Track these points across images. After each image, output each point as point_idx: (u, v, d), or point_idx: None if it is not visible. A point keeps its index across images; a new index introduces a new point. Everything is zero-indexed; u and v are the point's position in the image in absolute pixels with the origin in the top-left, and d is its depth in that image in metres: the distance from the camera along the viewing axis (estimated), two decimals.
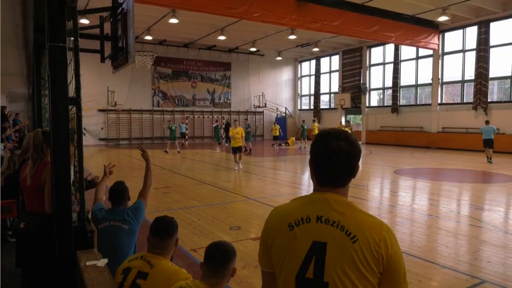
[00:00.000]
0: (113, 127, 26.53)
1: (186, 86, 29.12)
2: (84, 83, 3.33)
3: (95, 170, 12.95)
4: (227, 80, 30.86)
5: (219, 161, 16.72)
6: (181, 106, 28.97)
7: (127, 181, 8.96)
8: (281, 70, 33.32)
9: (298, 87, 34.03)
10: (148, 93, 27.62)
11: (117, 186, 3.37)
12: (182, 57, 28.58)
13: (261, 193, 8.97)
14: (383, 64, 26.27)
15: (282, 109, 32.64)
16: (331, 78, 30.83)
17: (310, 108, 32.90)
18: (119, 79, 25.17)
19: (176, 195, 8.80)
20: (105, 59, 4.08)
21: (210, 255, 2.14)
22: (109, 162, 4.22)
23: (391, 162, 15.55)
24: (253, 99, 31.70)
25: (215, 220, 6.56)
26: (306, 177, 12.28)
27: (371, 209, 7.54)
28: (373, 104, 27.39)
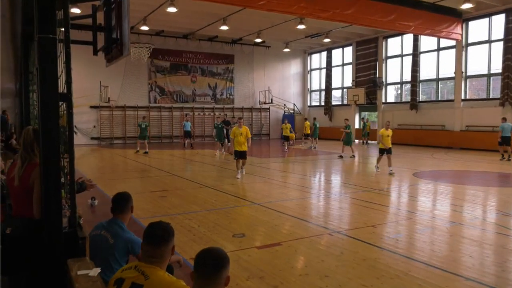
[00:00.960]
0: (106, 125, 26.67)
1: (186, 81, 29.20)
2: (75, 77, 3.38)
3: (87, 172, 13.05)
4: (230, 74, 30.90)
5: (222, 162, 16.73)
6: (180, 102, 29.07)
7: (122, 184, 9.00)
8: (289, 63, 33.28)
9: (307, 81, 33.97)
10: (144, 89, 27.74)
11: (119, 195, 3.41)
12: (181, 49, 28.65)
13: (267, 197, 8.97)
14: (401, 56, 26.15)
15: (290, 106, 32.61)
16: (343, 71, 30.73)
17: (321, 104, 32.83)
18: (113, 73, 25.29)
19: (175, 199, 8.83)
20: (98, 51, 4.11)
21: (200, 262, 2.12)
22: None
23: (409, 164, 15.48)
24: (258, 95, 31.71)
25: (216, 226, 6.57)
26: (316, 180, 12.25)
27: (388, 216, 7.51)
28: (389, 100, 27.27)
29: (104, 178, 11.89)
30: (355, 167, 15.77)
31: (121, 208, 3.35)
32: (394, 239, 5.95)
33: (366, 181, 11.51)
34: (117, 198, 3.39)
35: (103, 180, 11.42)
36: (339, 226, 6.62)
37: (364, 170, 14.93)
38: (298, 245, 5.67)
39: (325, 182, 11.86)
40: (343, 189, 10.61)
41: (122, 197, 3.40)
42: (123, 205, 3.36)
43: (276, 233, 6.23)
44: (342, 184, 11.38)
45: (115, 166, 15.63)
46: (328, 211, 7.93)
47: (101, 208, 7.90)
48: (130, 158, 18.22)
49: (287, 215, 7.32)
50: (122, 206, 3.35)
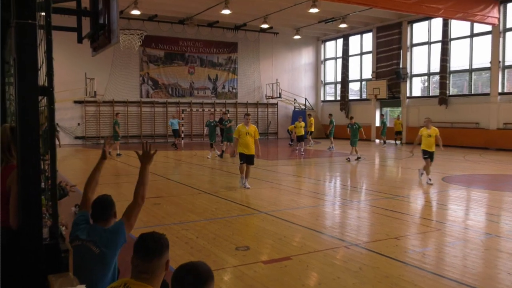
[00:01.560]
0: (92, 122, 26.83)
1: (182, 72, 29.31)
2: (58, 68, 3.40)
3: (70, 176, 13.13)
4: (232, 65, 30.95)
5: (222, 164, 16.75)
6: (176, 96, 29.16)
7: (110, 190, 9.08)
8: (299, 52, 33.26)
9: (320, 73, 33.93)
10: (135, 81, 27.86)
11: (99, 199, 3.39)
12: (177, 36, 28.75)
13: (275, 205, 8.96)
14: (428, 43, 26.03)
15: (301, 101, 32.61)
16: (362, 61, 30.65)
17: (336, 99, 32.76)
18: (100, 63, 25.42)
19: (170, 206, 8.85)
20: (83, 39, 4.13)
21: (178, 280, 2.06)
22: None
23: (438, 167, 15.41)
24: (265, 88, 31.73)
25: (217, 238, 6.58)
26: (331, 186, 12.22)
27: (413, 226, 7.48)
28: (415, 94, 27.18)
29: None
30: (375, 170, 15.70)
31: (103, 214, 3.34)
32: (420, 253, 5.92)
33: (388, 186, 11.47)
34: (98, 202, 3.39)
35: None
36: (357, 238, 6.60)
37: (386, 174, 14.86)
38: (310, 259, 5.66)
39: (341, 188, 11.83)
40: (362, 196, 10.55)
41: (104, 201, 3.40)
42: (106, 210, 3.36)
43: (285, 246, 6.22)
44: (360, 190, 11.33)
45: (102, 169, 15.66)
46: (344, 220, 7.91)
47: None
48: (119, 160, 18.28)
49: (297, 226, 7.31)
50: (105, 211, 3.35)
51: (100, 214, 3.33)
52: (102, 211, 3.33)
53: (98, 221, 3.31)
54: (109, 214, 3.35)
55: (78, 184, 6.05)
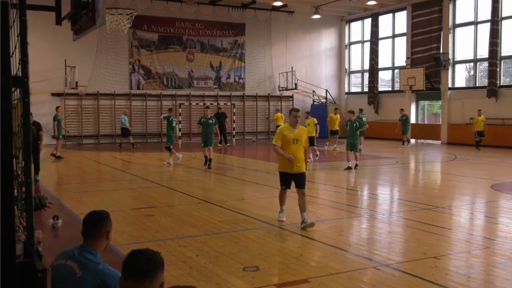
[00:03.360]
0: (73, 118, 27.01)
1: (179, 59, 29.41)
2: (33, 55, 3.41)
3: (47, 183, 13.24)
4: (239, 50, 30.99)
5: (227, 169, 16.75)
6: (172, 88, 29.28)
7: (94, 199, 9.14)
8: (319, 34, 33.20)
9: (344, 59, 33.83)
10: (123, 70, 28.02)
11: (91, 214, 3.44)
12: (173, 16, 28.84)
13: (289, 217, 8.95)
14: (475, 24, 25.84)
15: (321, 92, 32.56)
16: (394, 46, 30.49)
17: (363, 90, 32.62)
18: (82, 49, 25.57)
19: (165, 219, 8.88)
20: (62, 20, 4.16)
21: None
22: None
23: (487, 172, 15.28)
24: (277, 78, 31.74)
25: (221, 256, 6.59)
26: (357, 194, 12.18)
27: (456, 243, 7.43)
28: (459, 85, 26.99)
29: (70, 190, 12.03)
30: (410, 176, 15.61)
31: (96, 232, 3.38)
32: (465, 275, 5.88)
33: (426, 195, 11.39)
34: (91, 218, 3.42)
35: (69, 193, 11.55)
36: (388, 258, 6.58)
37: (423, 180, 14.78)
38: (332, 282, 5.64)
39: (368, 197, 11.79)
40: (394, 207, 10.50)
41: (98, 218, 3.43)
42: (99, 228, 3.39)
43: (302, 266, 6.22)
44: (392, 200, 11.27)
45: (84, 174, 15.78)
46: (373, 236, 7.88)
47: (66, 231, 7.98)
48: (104, 163, 18.39)
49: (316, 242, 7.30)
50: (98, 229, 3.38)
51: (93, 232, 3.37)
52: (95, 228, 3.37)
53: (89, 240, 3.36)
54: (99, 232, 3.38)
55: (56, 191, 6.12)
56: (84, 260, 3.25)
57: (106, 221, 3.43)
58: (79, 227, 3.45)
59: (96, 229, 3.38)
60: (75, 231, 7.95)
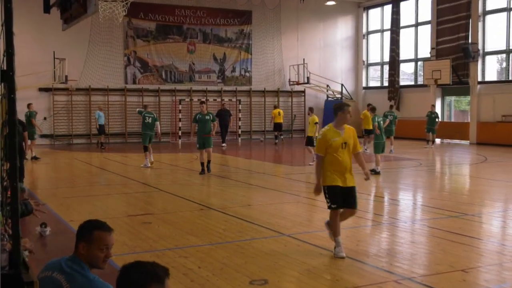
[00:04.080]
0: (63, 116, 27.12)
1: (179, 50, 29.45)
2: (19, 46, 3.40)
3: (34, 187, 13.27)
4: (245, 40, 30.99)
5: (231, 171, 16.74)
6: (171, 82, 29.32)
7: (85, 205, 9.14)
8: (334, 23, 33.14)
9: (362, 50, 33.73)
10: (118, 63, 28.10)
11: (85, 224, 3.44)
12: (172, 3, 28.91)
13: (301, 225, 8.93)
14: (508, 10, 25.70)
15: (335, 87, 32.50)
16: (417, 35, 30.37)
17: (383, 85, 32.51)
18: (73, 40, 25.67)
19: (163, 227, 8.88)
20: (50, 8, 4.18)
21: None
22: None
23: None
24: (288, 71, 31.73)
25: (226, 268, 6.58)
26: (377, 200, 12.14)
27: (486, 254, 7.38)
28: (489, 78, 26.86)
29: (58, 195, 12.04)
30: (435, 180, 15.54)
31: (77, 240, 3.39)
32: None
33: (453, 201, 11.35)
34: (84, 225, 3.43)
35: (58, 198, 11.56)
36: (411, 270, 6.55)
37: (451, 184, 14.72)
38: None
39: (389, 203, 11.75)
40: (417, 214, 10.45)
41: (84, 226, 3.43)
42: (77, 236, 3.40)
43: (315, 280, 6.19)
44: (415, 206, 11.22)
45: (75, 177, 15.82)
46: (394, 247, 7.85)
47: (55, 240, 7.98)
48: (97, 165, 18.43)
49: (331, 252, 7.28)
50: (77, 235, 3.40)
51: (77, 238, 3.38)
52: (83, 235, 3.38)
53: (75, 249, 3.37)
54: (78, 240, 3.39)
55: (44, 196, 6.14)
56: (72, 272, 3.25)
57: (85, 228, 3.44)
58: (68, 235, 3.48)
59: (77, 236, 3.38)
60: (64, 240, 7.98)
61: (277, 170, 17.47)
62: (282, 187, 13.20)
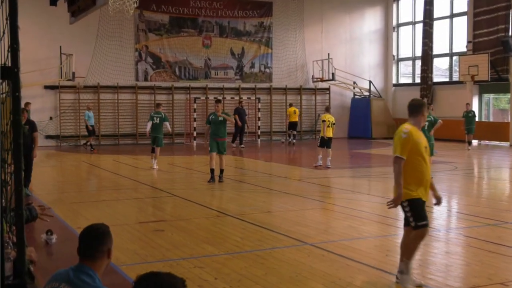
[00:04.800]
0: (70, 115, 27.37)
1: (194, 45, 29.53)
2: (23, 41, 3.43)
3: (39, 191, 13.38)
4: (265, 34, 30.97)
5: (250, 175, 16.72)
6: (185, 79, 29.41)
7: (94, 211, 9.20)
8: (362, 14, 33.03)
9: (392, 44, 33.53)
10: (128, 58, 28.27)
11: (88, 229, 3.46)
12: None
13: (326, 233, 8.90)
14: None
15: (363, 84, 32.36)
16: (453, 27, 30.10)
17: (414, 81, 32.28)
18: (80, 34, 25.88)
19: (177, 234, 8.91)
20: (57, 0, 4.23)
21: None
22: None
23: None
24: (311, 67, 31.65)
25: (244, 279, 6.58)
26: None
27: None
28: None
29: (65, 200, 12.14)
30: (472, 185, 15.39)
31: (94, 250, 3.41)
32: None
33: (491, 208, 11.24)
34: (88, 234, 3.45)
35: (64, 203, 11.65)
36: (445, 283, 6.50)
37: (489, 190, 14.56)
38: None
39: None
40: (452, 222, 10.36)
41: (95, 233, 3.45)
42: (97, 246, 3.42)
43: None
44: (450, 214, 11.12)
45: (83, 181, 15.94)
46: (426, 257, 7.79)
47: (61, 248, 8.07)
48: (106, 168, 18.54)
49: (358, 264, 7.25)
50: (97, 247, 3.41)
51: (90, 250, 3.38)
52: (93, 245, 3.38)
53: (86, 259, 3.37)
54: (99, 250, 3.39)
55: (49, 202, 6.20)
56: (81, 283, 3.26)
57: (107, 237, 3.44)
58: (76, 243, 3.49)
59: (95, 246, 3.38)
60: (71, 249, 7.98)
61: (299, 174, 17.42)
62: (304, 192, 13.15)
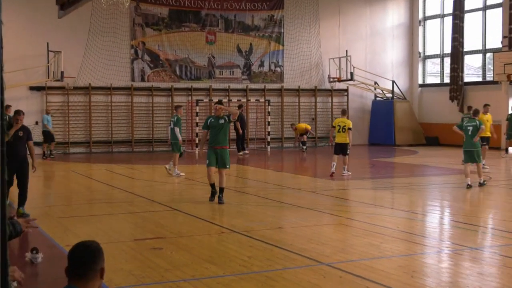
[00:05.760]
0: (58, 120, 27.33)
1: (197, 41, 29.58)
2: (7, 37, 3.43)
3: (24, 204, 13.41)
4: (276, 29, 31.00)
5: (259, 187, 16.72)
6: (187, 79, 29.45)
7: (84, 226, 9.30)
8: (383, 7, 33.04)
9: (418, 40, 33.47)
10: (123, 56, 28.35)
11: (78, 247, 3.47)
12: None
13: (344, 252, 8.88)
14: None
15: (385, 85, 32.31)
16: (486, 20, 30.03)
17: (443, 81, 32.20)
18: (70, 30, 25.97)
19: (177, 253, 8.91)
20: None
21: None
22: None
23: None
24: (327, 66, 31.65)
25: None
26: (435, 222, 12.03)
27: None
28: None
29: (53, 215, 12.14)
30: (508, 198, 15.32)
31: (85, 270, 3.42)
32: None
33: None
34: (78, 252, 3.47)
35: (52, 218, 11.66)
36: None
37: None
38: None
39: (451, 226, 11.63)
40: (486, 239, 10.31)
41: (86, 251, 3.47)
42: (90, 266, 3.43)
43: None
44: (483, 230, 11.07)
45: (72, 193, 15.96)
46: (457, 279, 7.77)
47: (48, 268, 8.08)
48: (98, 179, 18.56)
49: (380, 286, 7.24)
50: (88, 266, 3.43)
51: (77, 269, 3.40)
52: (83, 265, 3.39)
53: (76, 280, 3.38)
54: (90, 270, 3.41)
55: (37, 218, 6.23)
56: None
57: (99, 255, 3.46)
58: (64, 262, 3.50)
59: (86, 266, 3.40)
60: (59, 269, 8.01)
61: (314, 185, 17.39)
62: (320, 205, 13.13)
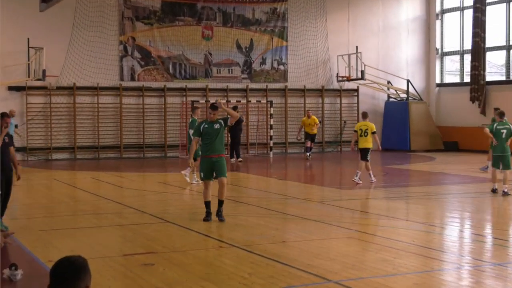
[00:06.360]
0: (40, 123, 27.47)
1: (192, 36, 29.64)
2: None
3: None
4: (279, 23, 31.04)
5: (261, 197, 16.71)
6: (181, 78, 29.49)
7: (68, 241, 9.36)
8: (397, 0, 33.11)
9: (435, 35, 33.52)
10: (111, 53, 28.40)
11: (61, 263, 3.46)
12: None
13: (354, 268, 8.87)
14: None
15: (399, 84, 32.35)
16: (509, 14, 30.06)
17: (463, 80, 32.24)
18: (53, 25, 26.02)
19: (171, 270, 8.90)
20: None
21: None
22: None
23: None
24: (336, 64, 31.70)
25: None
26: (453, 235, 12.03)
27: None
28: None
29: (33, 227, 12.13)
30: None
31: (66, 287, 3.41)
32: None
33: None
34: (62, 268, 3.45)
35: (32, 231, 11.64)
36: None
37: None
38: None
39: (471, 240, 11.63)
40: (510, 255, 10.30)
41: (70, 267, 3.45)
42: (72, 284, 3.41)
43: None
44: (508, 244, 11.07)
45: (55, 204, 15.95)
46: None
47: (28, 286, 8.08)
48: (83, 188, 18.55)
49: None
50: (70, 284, 3.41)
51: (60, 287, 3.39)
52: (64, 281, 3.39)
53: None
54: (75, 287, 3.40)
55: (16, 231, 6.22)
56: None
57: (84, 272, 3.45)
58: (45, 279, 3.49)
59: (69, 284, 3.39)
60: (40, 285, 8.03)
61: (321, 195, 17.39)
62: (327, 217, 13.12)
